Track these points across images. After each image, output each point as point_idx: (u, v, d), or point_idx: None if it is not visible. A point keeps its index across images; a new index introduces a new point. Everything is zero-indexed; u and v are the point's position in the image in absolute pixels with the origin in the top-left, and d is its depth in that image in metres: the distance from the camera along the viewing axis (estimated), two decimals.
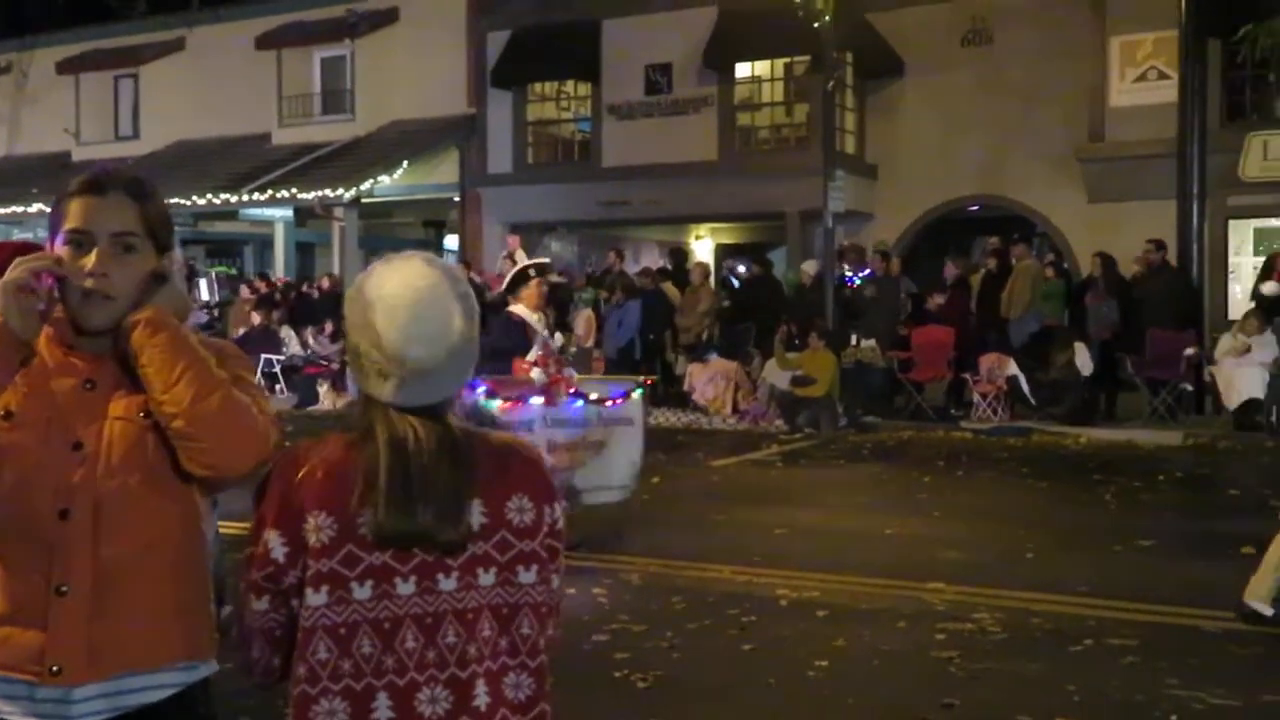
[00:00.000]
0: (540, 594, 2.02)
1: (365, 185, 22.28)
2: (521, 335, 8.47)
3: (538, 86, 23.59)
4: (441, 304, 1.95)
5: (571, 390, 8.55)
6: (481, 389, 7.89)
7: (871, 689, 5.63)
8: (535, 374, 8.31)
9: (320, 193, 22.20)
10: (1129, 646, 6.11)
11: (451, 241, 25.74)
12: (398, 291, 1.94)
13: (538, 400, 8.25)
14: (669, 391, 17.55)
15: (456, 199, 24.03)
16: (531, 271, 8.78)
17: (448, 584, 1.95)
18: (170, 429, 2.12)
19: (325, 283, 21.68)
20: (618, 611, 6.82)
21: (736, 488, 11.59)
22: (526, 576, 2.01)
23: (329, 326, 19.79)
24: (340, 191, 22.14)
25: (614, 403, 8.87)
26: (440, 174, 23.65)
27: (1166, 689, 5.47)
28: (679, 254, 20.82)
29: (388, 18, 24.13)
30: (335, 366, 19.08)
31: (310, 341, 19.87)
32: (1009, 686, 5.62)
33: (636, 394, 9.17)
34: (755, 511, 10.06)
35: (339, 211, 23.14)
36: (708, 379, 16.65)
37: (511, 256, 19.81)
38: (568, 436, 8.45)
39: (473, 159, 23.67)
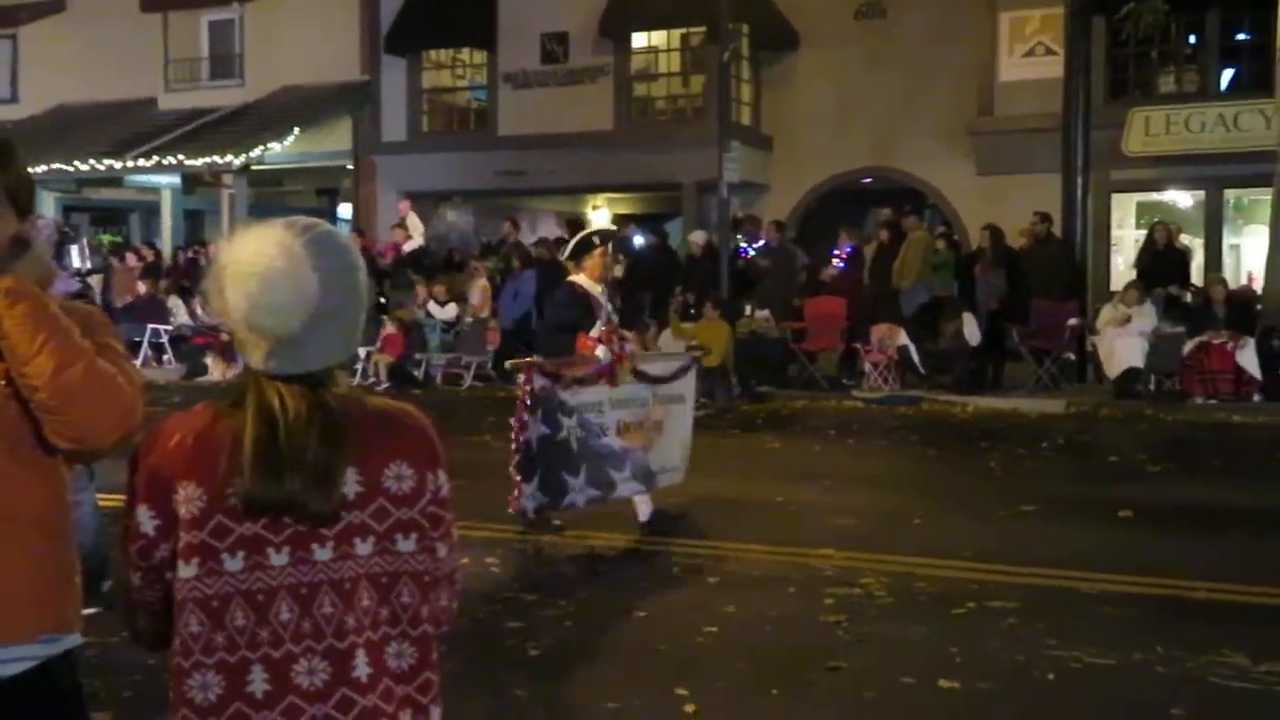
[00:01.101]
0: (421, 562, 2.00)
1: (255, 152, 21.84)
2: (585, 309, 7.78)
3: (433, 54, 23.30)
4: (294, 272, 1.91)
5: (634, 368, 8.00)
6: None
7: (760, 653, 5.70)
8: (600, 351, 7.74)
9: (208, 159, 21.73)
10: (1010, 609, 6.27)
11: (345, 210, 25.37)
12: (247, 259, 1.91)
13: (602, 380, 7.71)
14: None
15: (350, 167, 23.70)
16: (596, 239, 7.99)
17: (323, 554, 1.93)
18: (33, 401, 2.07)
19: (213, 251, 21.22)
20: (511, 580, 6.82)
21: None
22: (405, 545, 1.98)
23: None
24: (229, 158, 21.69)
25: (672, 379, 8.33)
26: (333, 141, 23.28)
27: (1045, 649, 5.62)
28: (575, 224, 20.75)
29: None
30: (224, 337, 18.71)
31: (199, 311, 19.47)
32: (894, 649, 5.73)
33: (691, 369, 8.75)
34: None
35: (228, 179, 22.66)
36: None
37: (403, 223, 19.64)
38: (633, 417, 7.94)
39: (366, 126, 23.34)
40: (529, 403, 7.43)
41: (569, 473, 7.57)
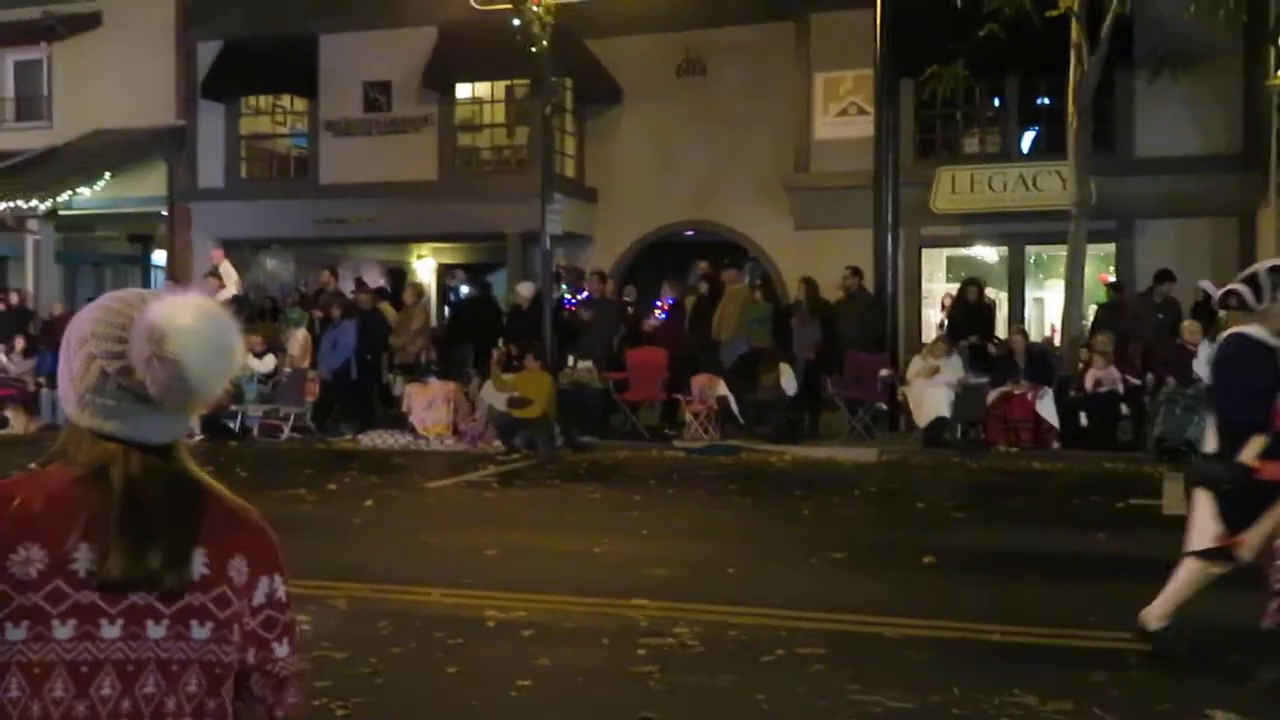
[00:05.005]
0: (250, 658, 1.98)
1: (63, 196, 21.08)
2: (1273, 368, 6.07)
3: (251, 100, 22.94)
4: (237, 339, 1.92)
5: None
6: None
7: (571, 706, 5.72)
8: None
9: (11, 203, 20.89)
10: (817, 655, 6.42)
11: (159, 257, 24.66)
12: (200, 324, 1.87)
13: None
14: (386, 413, 17.36)
15: (165, 213, 23.07)
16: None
17: (156, 631, 1.88)
18: None
19: (15, 298, 20.42)
20: (320, 638, 6.68)
21: (450, 509, 11.57)
22: (238, 636, 1.95)
23: (20, 343, 18.65)
24: (34, 202, 20.88)
25: None
26: (147, 186, 22.64)
27: (848, 694, 5.77)
28: (397, 274, 20.66)
29: (90, 22, 22.96)
30: (30, 389, 17.99)
31: (2, 360, 18.67)
32: (703, 698, 5.81)
33: None
34: (468, 533, 10.06)
35: (33, 224, 21.83)
36: (427, 403, 16.51)
37: (215, 271, 19.20)
38: None
39: (182, 172, 22.79)
40: None
41: None
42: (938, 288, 20.32)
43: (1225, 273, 17.16)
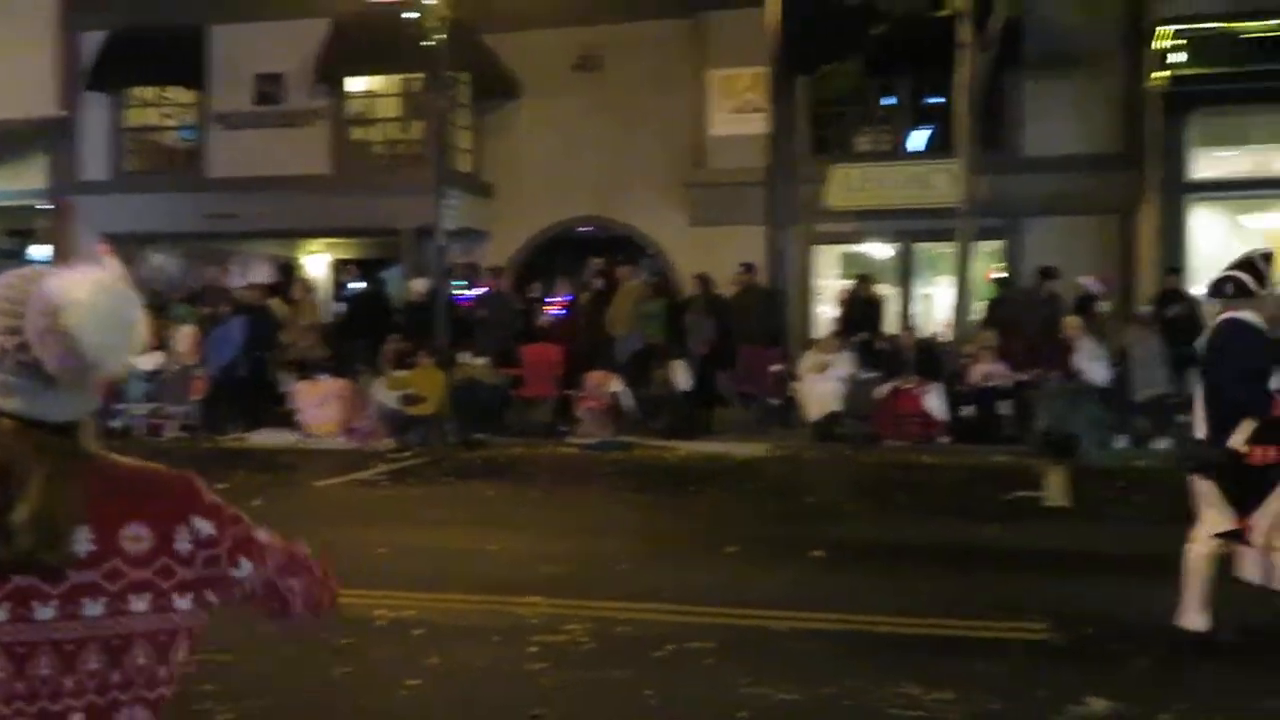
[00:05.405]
0: (156, 622, 1.92)
1: None
2: (1275, 353, 6.18)
3: (137, 91, 22.40)
4: (136, 313, 1.89)
5: None
6: None
7: (462, 705, 5.69)
8: None
9: None
10: (707, 649, 6.46)
11: (41, 252, 23.95)
12: (96, 297, 1.83)
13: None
14: (275, 411, 17.06)
15: (45, 206, 22.42)
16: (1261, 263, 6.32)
17: (45, 613, 1.82)
18: None
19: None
20: (204, 640, 6.54)
21: (340, 508, 11.42)
22: (140, 605, 1.90)
23: None
24: None
25: None
26: (26, 179, 22.01)
27: (739, 687, 5.82)
28: (286, 269, 20.32)
29: None
30: None
31: None
32: (594, 694, 5.82)
33: None
34: (358, 531, 9.93)
35: None
36: (318, 401, 16.27)
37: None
38: None
39: (64, 165, 22.17)
40: None
41: None
42: (830, 284, 20.55)
43: (1107, 269, 17.74)
